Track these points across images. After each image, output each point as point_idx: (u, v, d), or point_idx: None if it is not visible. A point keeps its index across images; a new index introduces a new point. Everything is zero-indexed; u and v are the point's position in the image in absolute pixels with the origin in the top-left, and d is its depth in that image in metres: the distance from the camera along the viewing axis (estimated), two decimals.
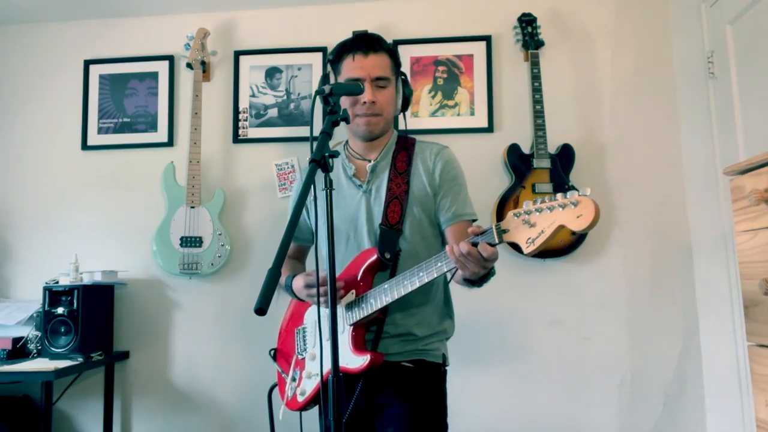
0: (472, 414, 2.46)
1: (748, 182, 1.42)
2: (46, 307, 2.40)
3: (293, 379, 1.64)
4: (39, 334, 2.45)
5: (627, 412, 2.44)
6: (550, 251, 2.44)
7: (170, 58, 2.79)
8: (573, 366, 2.48)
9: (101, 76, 2.83)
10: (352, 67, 1.57)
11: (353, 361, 1.48)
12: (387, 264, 1.53)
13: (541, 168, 2.45)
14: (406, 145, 1.66)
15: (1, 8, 2.76)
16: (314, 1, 2.74)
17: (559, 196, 1.18)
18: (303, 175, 1.83)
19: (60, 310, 2.39)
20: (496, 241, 1.26)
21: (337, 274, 1.59)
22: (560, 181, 2.44)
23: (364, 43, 1.58)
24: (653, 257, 2.50)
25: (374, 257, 1.52)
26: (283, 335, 1.78)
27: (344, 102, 1.58)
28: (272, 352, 1.77)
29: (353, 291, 1.53)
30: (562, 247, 2.43)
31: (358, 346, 1.51)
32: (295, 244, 1.80)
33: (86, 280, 2.50)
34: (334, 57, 1.63)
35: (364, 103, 1.56)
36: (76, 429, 2.66)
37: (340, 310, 1.53)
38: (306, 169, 1.26)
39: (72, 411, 2.66)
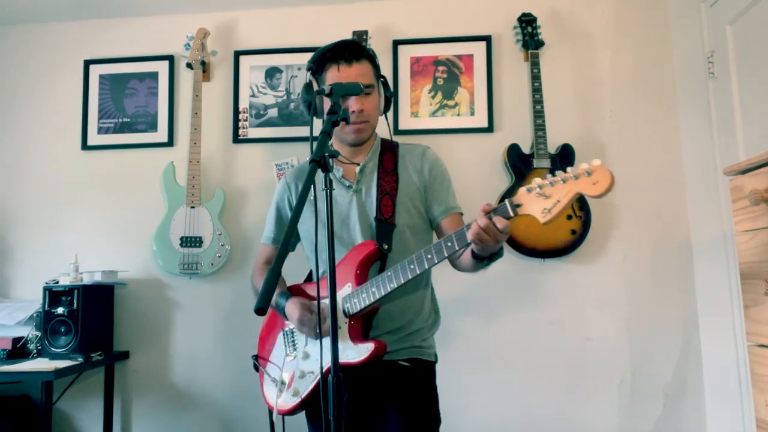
0: (471, 414, 2.45)
1: (748, 182, 1.43)
2: (46, 307, 2.40)
3: (282, 383, 1.64)
4: (39, 334, 2.45)
5: (627, 412, 2.44)
6: (550, 251, 2.44)
7: (170, 58, 2.79)
8: (573, 366, 2.47)
9: (101, 76, 2.83)
10: (338, 77, 1.59)
11: (355, 351, 1.49)
12: (385, 254, 1.58)
13: (541, 168, 2.45)
14: (390, 147, 1.74)
15: (1, 8, 2.76)
16: (314, 1, 2.74)
17: (569, 169, 1.24)
18: (292, 177, 1.82)
19: (60, 310, 2.38)
20: (511, 214, 1.32)
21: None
22: None
23: (347, 52, 1.61)
24: (653, 257, 2.50)
25: (372, 248, 1.56)
26: (265, 340, 1.78)
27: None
28: (255, 358, 1.77)
29: (349, 284, 1.55)
30: (562, 247, 2.43)
31: (358, 336, 1.53)
32: (273, 246, 1.81)
33: (86, 280, 2.50)
34: (316, 67, 1.67)
35: (353, 112, 1.59)
36: (76, 429, 2.66)
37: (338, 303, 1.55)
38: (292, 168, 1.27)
39: (72, 411, 2.66)
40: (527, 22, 2.57)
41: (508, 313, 2.53)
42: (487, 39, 2.65)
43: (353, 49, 1.63)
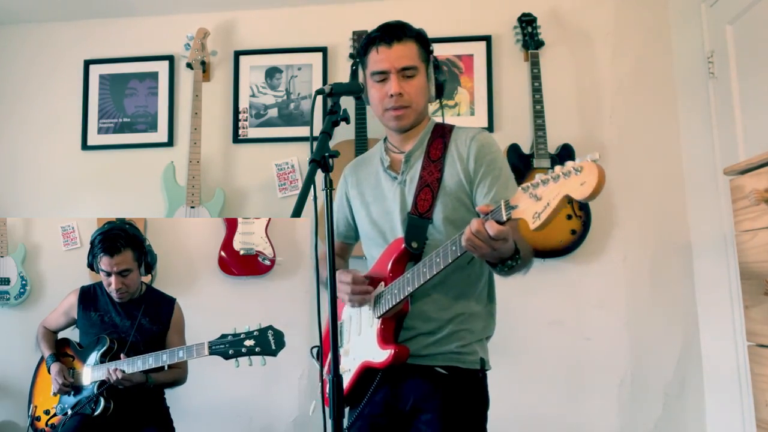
0: None
1: (748, 182, 1.43)
2: None
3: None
4: None
5: (627, 412, 2.44)
6: (550, 251, 2.44)
7: (170, 58, 2.79)
8: (573, 366, 2.47)
9: (101, 76, 2.83)
10: (377, 60, 1.52)
11: (378, 354, 1.43)
12: (415, 254, 1.46)
13: (541, 168, 2.45)
14: (442, 132, 1.58)
15: (1, 8, 2.76)
16: (314, 1, 2.74)
17: (568, 163, 1.05)
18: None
19: None
20: (504, 218, 1.18)
21: (371, 269, 1.57)
22: None
23: (387, 33, 1.53)
24: (653, 257, 2.50)
25: (400, 247, 1.47)
26: (325, 331, 1.73)
27: (373, 96, 1.54)
28: (314, 349, 1.65)
29: (383, 282, 1.48)
30: (562, 247, 2.43)
31: (386, 339, 1.45)
32: (337, 240, 1.74)
33: None
34: (362, 50, 1.58)
35: (391, 96, 1.50)
36: None
37: (371, 302, 1.50)
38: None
39: None
40: (527, 22, 2.57)
41: (508, 313, 2.51)
42: (487, 39, 2.65)
43: (396, 30, 1.53)
